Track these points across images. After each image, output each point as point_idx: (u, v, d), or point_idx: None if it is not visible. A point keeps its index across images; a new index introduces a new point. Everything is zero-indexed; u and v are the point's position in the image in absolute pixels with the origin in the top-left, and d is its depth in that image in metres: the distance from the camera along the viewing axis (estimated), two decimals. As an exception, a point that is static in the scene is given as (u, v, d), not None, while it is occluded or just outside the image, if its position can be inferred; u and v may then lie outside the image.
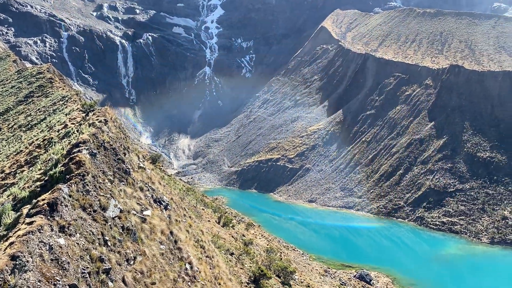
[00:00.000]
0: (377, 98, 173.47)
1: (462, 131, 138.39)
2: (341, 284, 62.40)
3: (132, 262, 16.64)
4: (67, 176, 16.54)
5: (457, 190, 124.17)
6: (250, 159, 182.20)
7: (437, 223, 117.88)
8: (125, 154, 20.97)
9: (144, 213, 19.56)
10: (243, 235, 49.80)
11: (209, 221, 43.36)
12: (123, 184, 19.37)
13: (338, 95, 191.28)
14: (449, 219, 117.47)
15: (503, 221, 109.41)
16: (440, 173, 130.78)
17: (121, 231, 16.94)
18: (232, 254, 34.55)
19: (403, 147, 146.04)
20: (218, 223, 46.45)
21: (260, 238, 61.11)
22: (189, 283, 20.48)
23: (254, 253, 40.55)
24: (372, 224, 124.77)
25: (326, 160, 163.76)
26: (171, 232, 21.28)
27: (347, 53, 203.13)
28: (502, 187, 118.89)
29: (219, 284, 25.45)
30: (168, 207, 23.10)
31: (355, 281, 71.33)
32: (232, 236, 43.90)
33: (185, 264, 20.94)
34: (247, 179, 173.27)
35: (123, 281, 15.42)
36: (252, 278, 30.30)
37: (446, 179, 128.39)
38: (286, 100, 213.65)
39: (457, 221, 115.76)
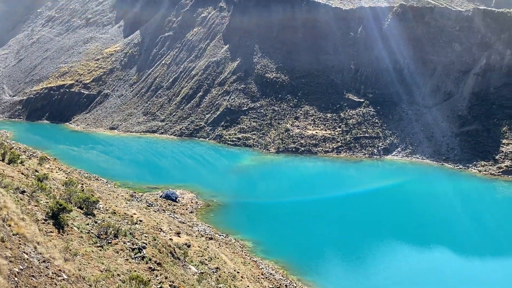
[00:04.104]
0: (174, 19, 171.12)
1: (253, 53, 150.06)
2: (148, 205, 63.94)
3: None
4: None
5: (249, 108, 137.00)
6: (38, 86, 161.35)
7: (234, 139, 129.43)
8: None
9: None
10: (36, 171, 45.16)
11: (-11, 159, 37.54)
12: None
13: (134, 14, 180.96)
14: (243, 135, 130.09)
15: (286, 133, 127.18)
16: (235, 94, 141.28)
17: None
18: (23, 192, 31.11)
19: (201, 70, 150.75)
20: (3, 160, 40.72)
21: (57, 172, 56.58)
22: (-33, 231, 17.70)
23: (51, 188, 37.43)
24: (177, 146, 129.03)
25: (126, 85, 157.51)
26: None
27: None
28: (285, 104, 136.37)
29: (10, 225, 22.88)
30: None
31: (161, 200, 74.04)
32: (22, 173, 39.31)
33: (-41, 211, 17.85)
34: (36, 109, 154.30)
35: None
36: (50, 214, 28.14)
37: (241, 99, 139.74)
38: (75, 18, 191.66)
39: (250, 136, 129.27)
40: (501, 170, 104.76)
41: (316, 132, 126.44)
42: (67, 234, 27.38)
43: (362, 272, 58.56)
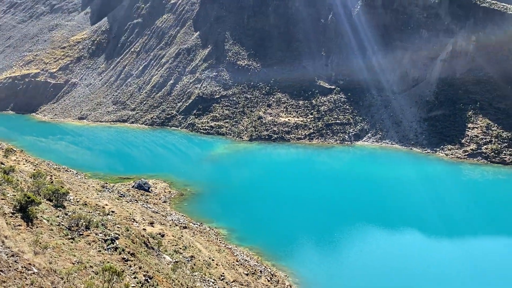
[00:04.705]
0: (143, 5, 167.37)
1: (224, 40, 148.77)
2: (120, 196, 63.05)
3: None
4: None
5: (222, 96, 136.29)
6: (1, 76, 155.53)
7: (206, 127, 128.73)
8: None
9: None
10: (2, 163, 43.86)
11: (-49, 152, 36.13)
12: None
13: (101, 0, 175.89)
14: (216, 123, 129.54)
15: (259, 121, 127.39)
16: (207, 82, 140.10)
17: None
18: (-12, 185, 30.23)
19: (172, 57, 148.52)
20: (-35, 153, 39.24)
21: (24, 164, 54.97)
22: None
23: (18, 180, 36.46)
24: (148, 135, 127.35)
25: (95, 73, 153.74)
26: None
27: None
28: (258, 91, 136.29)
29: (-25, 220, 22.23)
30: None
31: (134, 191, 73.18)
32: (-13, 166, 38.10)
33: None
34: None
35: None
36: (17, 207, 27.47)
37: (213, 86, 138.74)
38: (39, 4, 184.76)
39: (223, 124, 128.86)
40: (466, 153, 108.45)
41: (289, 119, 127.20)
42: (37, 227, 26.82)
43: (335, 256, 59.93)
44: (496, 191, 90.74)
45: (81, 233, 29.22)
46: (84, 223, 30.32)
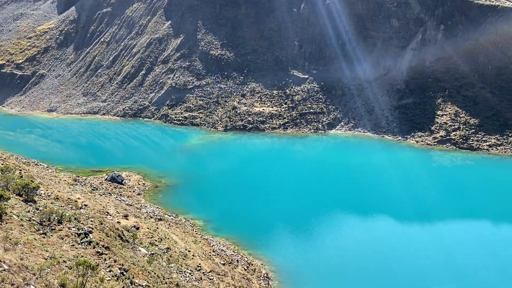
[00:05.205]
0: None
1: (196, 30, 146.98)
2: (92, 189, 61.95)
3: None
4: None
5: (195, 86, 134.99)
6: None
7: (180, 118, 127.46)
8: None
9: None
10: (-33, 158, 42.34)
11: None
12: None
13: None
14: (190, 113, 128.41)
15: (233, 111, 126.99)
16: (180, 72, 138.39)
17: None
18: (-47, 181, 29.21)
19: (143, 47, 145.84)
20: None
21: (-9, 158, 53.36)
22: None
23: (-15, 175, 35.35)
24: (120, 127, 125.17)
25: (64, 64, 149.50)
26: None
27: None
28: (232, 81, 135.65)
29: None
30: None
31: (107, 183, 71.97)
32: (-49, 161, 36.71)
33: None
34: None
35: None
36: (-15, 203, 26.64)
37: (186, 77, 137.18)
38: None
39: (197, 114, 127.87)
40: (436, 140, 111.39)
41: (263, 109, 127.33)
42: (6, 223, 26.15)
43: (310, 243, 60.81)
44: (464, 176, 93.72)
45: (53, 228, 28.65)
46: (56, 218, 29.72)
